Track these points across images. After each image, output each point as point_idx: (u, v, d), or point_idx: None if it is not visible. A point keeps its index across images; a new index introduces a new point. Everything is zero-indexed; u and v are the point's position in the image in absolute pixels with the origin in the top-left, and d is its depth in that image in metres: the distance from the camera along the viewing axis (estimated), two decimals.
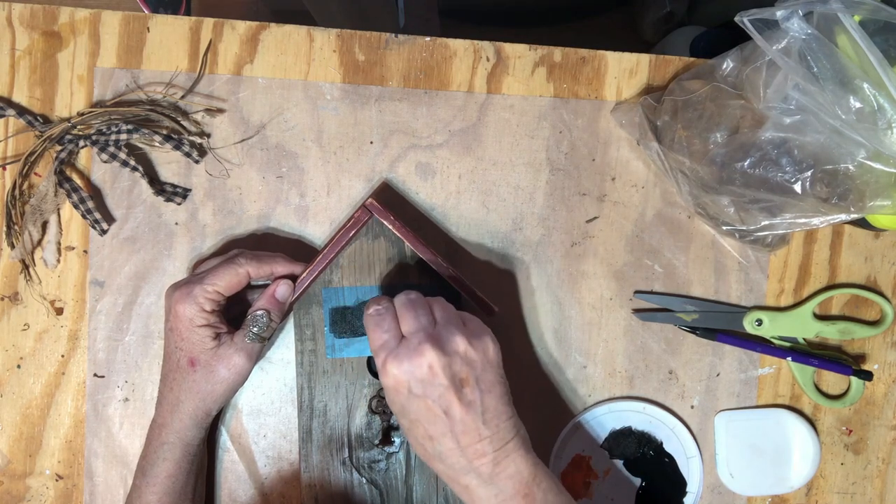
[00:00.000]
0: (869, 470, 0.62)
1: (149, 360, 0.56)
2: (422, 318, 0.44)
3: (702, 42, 1.09)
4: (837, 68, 0.42)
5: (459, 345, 0.43)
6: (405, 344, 0.43)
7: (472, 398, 0.43)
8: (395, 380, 0.43)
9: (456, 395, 0.43)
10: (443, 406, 0.43)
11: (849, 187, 0.45)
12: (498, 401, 0.44)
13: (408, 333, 0.44)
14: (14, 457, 0.55)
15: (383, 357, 0.44)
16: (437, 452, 0.44)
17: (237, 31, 0.55)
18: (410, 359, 0.42)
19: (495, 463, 0.43)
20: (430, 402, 0.43)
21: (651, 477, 0.60)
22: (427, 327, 0.44)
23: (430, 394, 0.43)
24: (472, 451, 0.43)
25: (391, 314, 0.45)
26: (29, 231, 0.53)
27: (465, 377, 0.43)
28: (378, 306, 0.46)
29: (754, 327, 0.59)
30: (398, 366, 0.43)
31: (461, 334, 0.44)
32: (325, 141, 0.56)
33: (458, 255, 0.57)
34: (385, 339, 0.44)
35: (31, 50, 0.54)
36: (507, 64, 0.57)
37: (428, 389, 0.42)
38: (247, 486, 0.57)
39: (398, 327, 0.45)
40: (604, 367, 0.59)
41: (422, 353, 0.42)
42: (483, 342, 0.44)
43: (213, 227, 0.56)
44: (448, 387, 0.42)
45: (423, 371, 0.42)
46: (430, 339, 0.43)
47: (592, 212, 0.59)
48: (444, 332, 0.44)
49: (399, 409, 0.44)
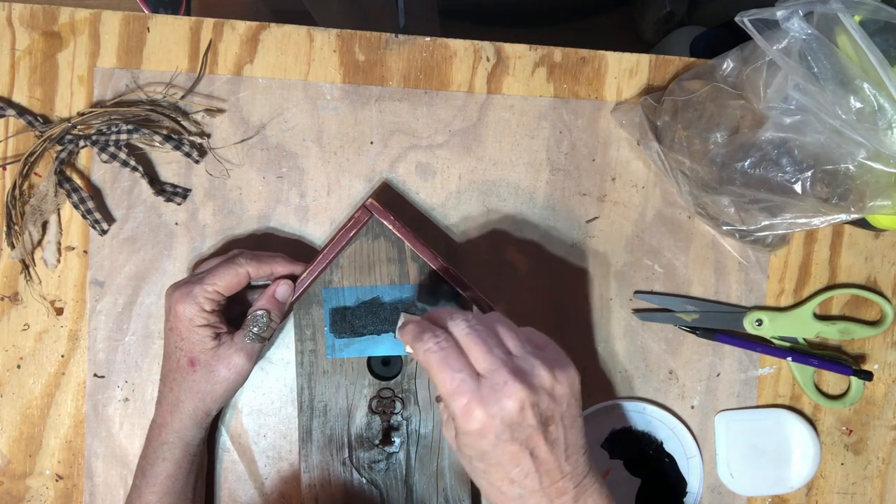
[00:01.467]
0: (869, 470, 0.62)
1: (149, 360, 0.56)
2: (496, 350, 0.39)
3: (702, 42, 1.09)
4: (837, 68, 0.42)
5: (546, 379, 0.39)
6: (487, 384, 0.38)
7: (556, 436, 0.40)
8: (483, 425, 0.38)
9: (543, 435, 0.39)
10: (529, 447, 0.39)
11: (849, 187, 0.45)
12: (579, 435, 0.41)
13: (486, 371, 0.39)
14: (14, 457, 0.55)
15: (465, 401, 0.38)
16: (518, 495, 0.40)
17: (237, 31, 0.55)
18: (499, 401, 0.38)
19: (575, 500, 0.41)
20: (518, 445, 0.39)
21: (651, 477, 0.59)
22: (506, 360, 0.39)
23: (518, 436, 0.38)
24: (554, 489, 0.40)
25: (455, 348, 0.40)
26: (29, 231, 0.53)
27: (552, 414, 0.39)
28: (437, 339, 0.40)
29: (754, 327, 0.59)
30: (486, 409, 0.38)
31: (545, 366, 0.39)
32: (326, 141, 0.56)
33: (458, 255, 0.57)
34: (461, 380, 0.38)
35: (31, 50, 0.54)
36: (507, 64, 0.57)
37: (517, 432, 0.38)
38: (247, 486, 0.57)
39: (469, 363, 0.39)
40: (604, 367, 0.59)
41: (510, 394, 0.38)
42: (567, 373, 0.40)
43: (213, 228, 0.56)
44: (536, 427, 0.39)
45: (514, 413, 0.38)
46: (516, 375, 0.38)
47: (592, 212, 0.59)
48: (525, 366, 0.39)
49: (478, 455, 0.40)
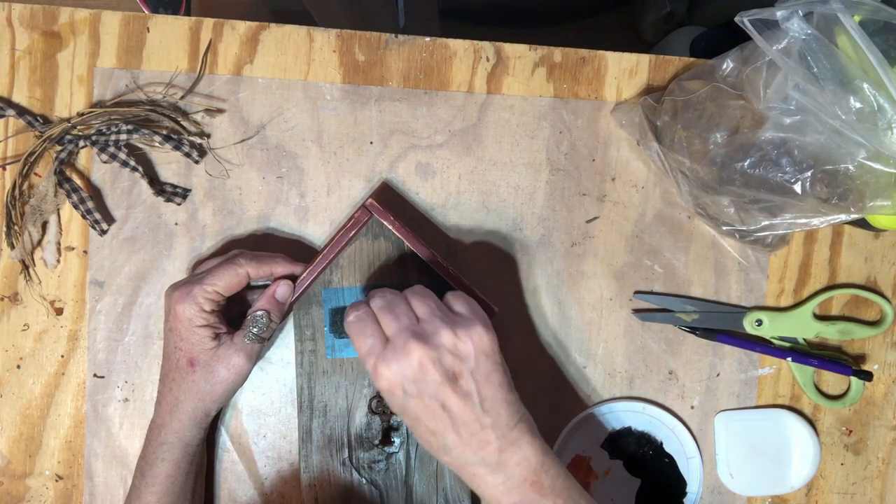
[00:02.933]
0: (869, 470, 0.62)
1: (149, 360, 0.56)
2: (402, 317, 0.44)
3: (702, 42, 1.09)
4: (837, 68, 0.42)
5: (446, 338, 0.43)
6: (391, 346, 0.43)
7: (468, 389, 0.43)
8: (389, 382, 0.42)
9: (451, 388, 0.42)
10: (439, 401, 0.42)
11: (849, 187, 0.45)
12: (496, 389, 0.44)
13: (392, 335, 0.43)
14: (14, 457, 0.55)
15: (372, 362, 0.43)
16: (442, 446, 0.44)
17: (237, 31, 0.55)
18: (399, 359, 0.42)
19: (501, 451, 0.43)
20: (427, 398, 0.42)
21: (651, 477, 0.59)
22: (410, 325, 0.43)
23: (424, 391, 0.42)
24: (476, 441, 0.43)
25: (371, 317, 0.45)
26: (29, 231, 0.53)
27: (459, 370, 0.43)
28: (357, 311, 0.45)
29: (754, 327, 0.59)
30: (388, 368, 0.42)
31: (447, 327, 0.43)
32: (325, 141, 0.56)
33: (458, 255, 0.57)
34: (370, 344, 0.43)
35: (31, 50, 0.54)
36: (507, 64, 0.57)
37: (422, 387, 0.42)
38: (247, 486, 0.57)
39: (381, 330, 0.44)
40: (604, 367, 0.59)
41: (409, 352, 0.42)
42: (472, 331, 0.43)
43: (213, 228, 0.56)
44: (441, 382, 0.42)
45: (414, 369, 0.42)
46: (416, 337, 0.42)
47: (592, 212, 0.59)
48: (428, 327, 0.43)
49: (399, 410, 0.44)
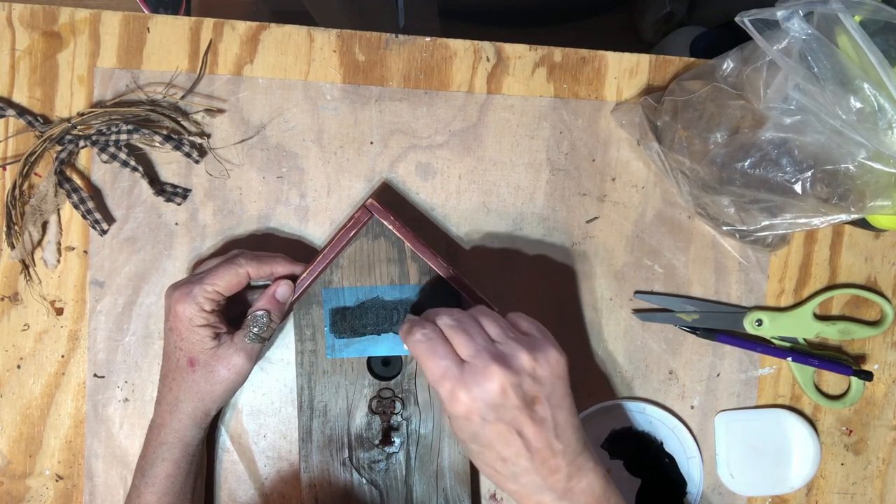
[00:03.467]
0: (869, 470, 0.62)
1: (149, 360, 0.56)
2: (477, 338, 0.42)
3: (702, 42, 1.09)
4: (838, 68, 0.42)
5: (526, 361, 0.41)
6: (469, 368, 0.40)
7: (543, 415, 0.41)
8: (467, 408, 0.40)
9: (528, 415, 0.41)
10: (516, 427, 0.41)
11: (849, 187, 0.45)
12: (568, 414, 0.43)
13: (469, 357, 0.41)
14: (14, 457, 0.55)
15: (449, 387, 0.40)
16: (511, 473, 0.42)
17: (237, 31, 0.55)
18: (480, 384, 0.40)
19: (569, 478, 0.42)
20: (504, 425, 0.41)
21: (651, 477, 0.59)
22: (487, 346, 0.41)
23: (503, 417, 0.40)
24: (546, 468, 0.42)
25: (441, 337, 0.42)
26: (29, 231, 0.53)
27: (536, 395, 0.41)
28: (424, 330, 0.42)
29: (754, 327, 0.59)
30: (468, 393, 0.40)
31: (525, 350, 0.41)
32: (326, 141, 0.56)
33: (458, 255, 0.57)
34: (445, 367, 0.41)
35: (31, 50, 0.54)
36: (507, 64, 0.57)
37: (501, 413, 0.40)
38: (247, 486, 0.57)
39: (454, 351, 0.42)
40: (604, 367, 0.59)
41: (490, 376, 0.40)
42: (548, 355, 0.42)
43: (213, 228, 0.56)
44: (520, 407, 0.40)
45: (495, 394, 0.40)
46: (496, 359, 0.40)
47: (592, 212, 0.59)
48: (506, 350, 0.41)
49: (469, 437, 0.42)
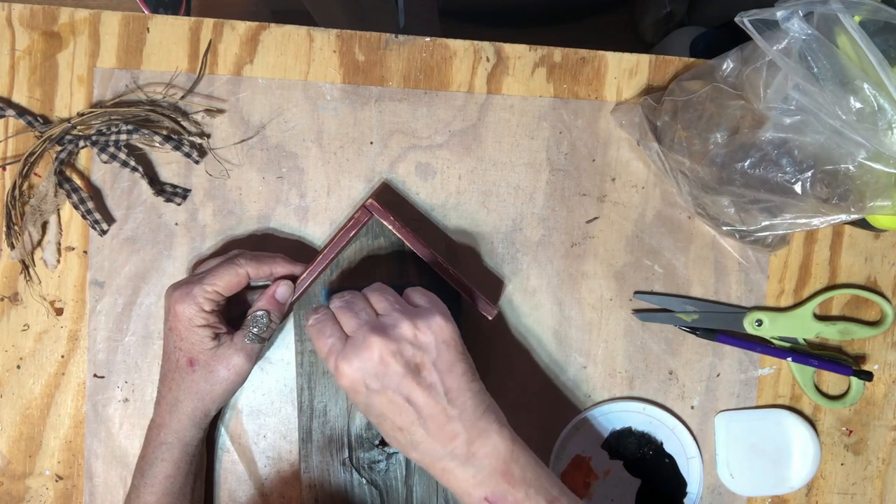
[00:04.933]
0: (869, 470, 0.62)
1: (149, 360, 0.56)
2: (361, 314, 0.44)
3: (702, 42, 1.09)
4: (837, 69, 0.42)
5: (406, 329, 0.42)
6: (350, 342, 0.42)
7: (431, 380, 0.42)
8: (350, 379, 0.42)
9: (414, 381, 0.42)
10: (404, 394, 0.42)
11: (849, 188, 0.45)
12: (460, 378, 0.43)
13: (351, 332, 0.43)
14: (14, 457, 0.55)
15: (333, 361, 0.43)
16: (410, 442, 0.43)
17: (237, 31, 0.55)
18: (359, 354, 0.42)
19: (469, 442, 0.42)
20: (391, 393, 0.42)
21: (651, 477, 0.59)
22: (369, 321, 0.43)
23: (388, 385, 0.42)
24: (444, 434, 0.42)
25: (330, 318, 0.45)
26: (29, 231, 0.53)
27: (420, 361, 0.42)
28: (316, 314, 0.45)
29: (754, 328, 0.59)
30: (348, 364, 0.42)
31: (406, 319, 0.43)
32: (325, 141, 0.56)
33: (458, 255, 0.57)
34: (331, 344, 0.43)
35: (31, 50, 0.54)
36: (507, 64, 0.57)
37: (385, 381, 0.42)
38: (247, 486, 0.57)
39: (341, 329, 0.44)
40: (604, 367, 0.59)
41: (369, 346, 0.41)
42: (431, 321, 0.43)
43: (213, 228, 0.56)
44: (404, 374, 0.41)
45: (375, 363, 0.41)
46: (375, 331, 0.42)
47: (592, 212, 0.59)
48: (387, 321, 0.43)
49: (364, 408, 0.44)
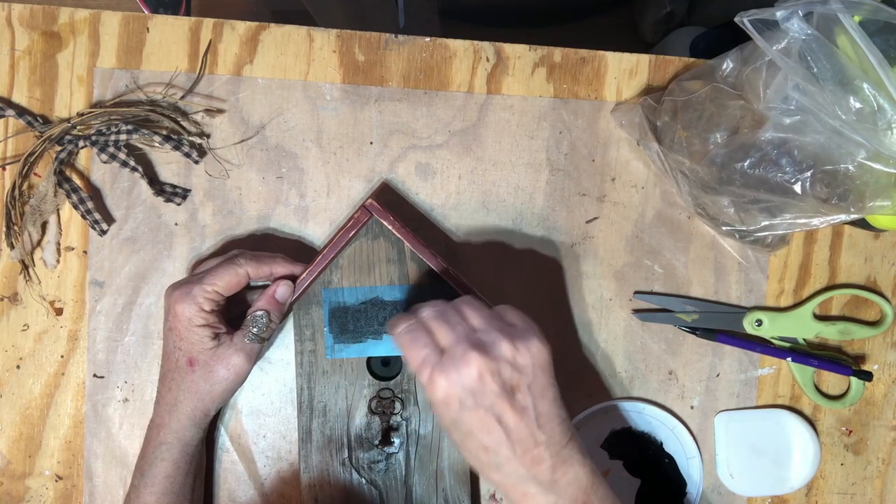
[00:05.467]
0: (869, 470, 0.62)
1: (148, 360, 0.56)
2: (458, 328, 0.42)
3: (702, 42, 1.09)
4: (837, 69, 0.42)
5: (506, 350, 0.41)
6: (448, 355, 0.41)
7: (524, 404, 0.41)
8: (445, 393, 0.40)
9: (508, 402, 0.40)
10: (496, 414, 0.40)
11: (849, 188, 0.45)
12: (551, 405, 0.42)
13: (448, 345, 0.41)
14: (13, 457, 0.55)
15: (428, 372, 0.41)
16: (494, 463, 0.42)
17: (237, 31, 0.55)
18: (458, 369, 0.40)
19: (553, 469, 0.41)
20: (483, 411, 0.40)
21: (651, 477, 0.59)
22: (468, 334, 0.42)
23: (481, 403, 0.40)
24: (529, 458, 0.41)
25: (423, 328, 0.43)
26: (28, 231, 0.53)
27: (517, 383, 0.41)
28: (408, 322, 0.43)
29: (754, 328, 0.59)
30: (446, 378, 0.40)
31: (506, 338, 0.41)
32: (325, 141, 0.56)
33: (458, 255, 0.57)
34: (425, 354, 0.41)
35: (31, 50, 0.54)
36: (506, 64, 0.57)
37: (479, 399, 0.40)
38: (246, 486, 0.57)
39: (435, 340, 0.42)
40: (604, 367, 0.59)
41: (468, 362, 0.40)
42: (530, 343, 0.42)
43: (213, 228, 0.56)
44: (499, 394, 0.40)
45: (473, 379, 0.40)
46: (475, 347, 0.40)
47: (592, 212, 0.59)
48: (486, 337, 0.41)
49: (450, 424, 0.42)
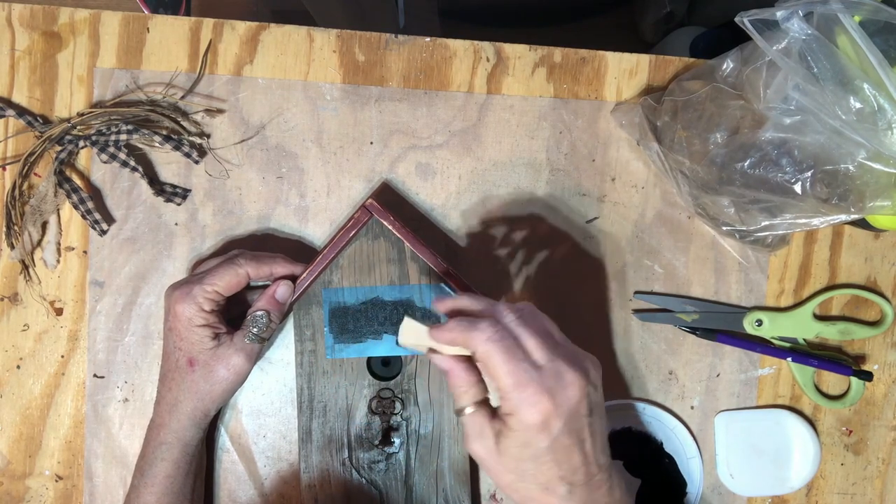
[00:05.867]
0: (869, 470, 0.62)
1: (148, 360, 0.56)
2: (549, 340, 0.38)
3: (702, 42, 1.09)
4: (837, 69, 0.42)
5: (592, 368, 0.39)
6: (551, 374, 0.37)
7: (596, 428, 0.39)
8: (546, 415, 0.36)
9: (589, 428, 0.38)
10: (580, 439, 0.38)
11: (849, 188, 0.45)
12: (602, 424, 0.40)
13: (545, 361, 0.37)
14: (14, 457, 0.55)
15: (531, 391, 0.36)
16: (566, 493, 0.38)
17: (237, 31, 0.55)
18: (565, 390, 0.36)
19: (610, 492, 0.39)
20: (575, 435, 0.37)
21: (651, 477, 0.59)
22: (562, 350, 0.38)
23: (573, 427, 0.37)
24: (594, 483, 0.39)
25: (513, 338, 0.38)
26: (29, 231, 0.53)
27: (597, 404, 0.39)
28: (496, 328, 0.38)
29: (754, 328, 0.59)
30: (552, 399, 0.36)
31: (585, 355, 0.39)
32: (325, 141, 0.56)
33: (458, 255, 0.57)
34: (524, 369, 0.36)
35: (31, 50, 0.54)
36: (506, 64, 0.57)
37: (574, 423, 0.37)
38: (246, 486, 0.57)
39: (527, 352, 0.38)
40: (604, 367, 0.59)
41: (572, 383, 0.37)
42: (595, 364, 0.40)
43: (213, 228, 0.56)
44: (587, 416, 0.38)
45: (576, 402, 0.37)
46: (573, 366, 0.37)
47: (592, 212, 0.59)
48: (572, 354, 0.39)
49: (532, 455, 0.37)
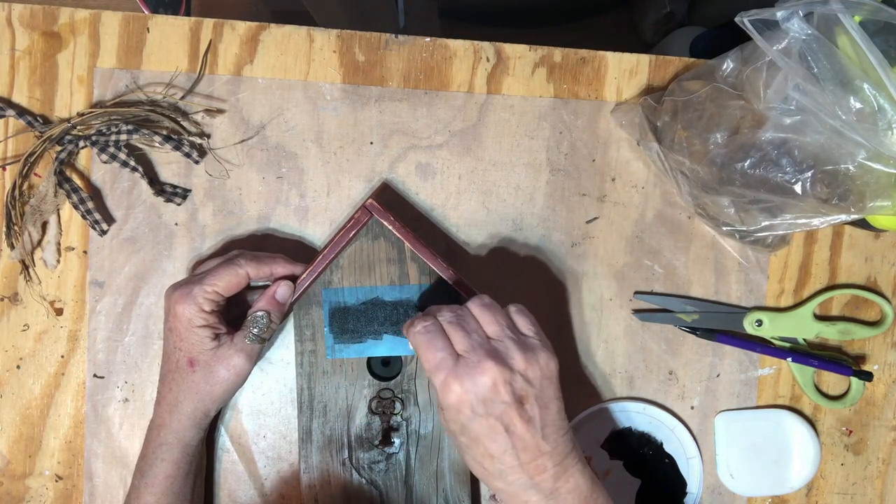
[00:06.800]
0: (869, 470, 0.62)
1: (149, 360, 0.56)
2: (474, 335, 0.43)
3: (702, 42, 1.09)
4: (837, 69, 0.42)
5: (519, 361, 0.43)
6: (464, 361, 0.42)
7: (532, 414, 0.42)
8: (458, 399, 0.42)
9: (517, 412, 0.42)
10: (504, 423, 0.42)
11: (849, 188, 0.45)
12: (555, 416, 0.44)
13: (464, 351, 0.43)
14: (14, 457, 0.55)
15: (443, 377, 0.42)
16: (498, 470, 0.43)
17: (237, 31, 0.55)
18: (473, 377, 0.41)
19: (556, 478, 0.43)
20: (493, 420, 0.42)
21: (651, 477, 0.59)
22: (483, 343, 0.43)
23: (492, 411, 0.42)
24: (533, 467, 0.42)
25: (440, 331, 0.44)
26: (29, 231, 0.53)
27: (525, 393, 0.42)
28: (425, 323, 0.44)
29: (754, 328, 0.59)
30: (460, 384, 0.41)
31: (520, 350, 0.43)
32: (325, 141, 0.56)
33: (458, 255, 0.57)
34: (441, 358, 0.42)
35: (31, 50, 0.54)
36: (507, 64, 0.57)
37: (490, 407, 0.42)
38: (246, 486, 0.57)
39: (451, 345, 0.43)
40: (604, 367, 0.59)
41: (484, 371, 0.41)
42: (540, 356, 0.44)
43: (213, 228, 0.56)
44: (510, 404, 0.42)
45: (487, 388, 0.41)
46: (491, 356, 0.42)
47: (592, 212, 0.59)
48: (500, 347, 0.43)
49: (458, 429, 0.43)
